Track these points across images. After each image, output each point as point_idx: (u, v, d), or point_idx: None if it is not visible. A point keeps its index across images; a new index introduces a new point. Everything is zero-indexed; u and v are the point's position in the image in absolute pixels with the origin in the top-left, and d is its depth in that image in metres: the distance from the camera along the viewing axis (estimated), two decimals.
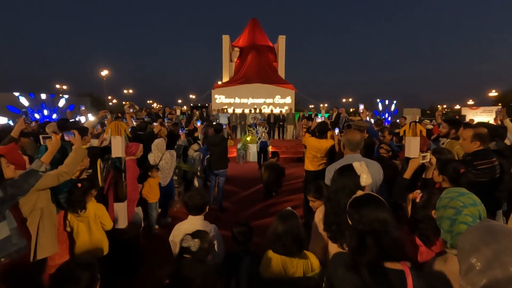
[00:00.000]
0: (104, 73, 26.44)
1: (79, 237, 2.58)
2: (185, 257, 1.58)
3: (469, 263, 0.76)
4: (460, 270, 0.82)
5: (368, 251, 1.11)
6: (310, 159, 4.44)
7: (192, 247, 1.57)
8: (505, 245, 0.72)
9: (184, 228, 2.13)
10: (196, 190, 2.23)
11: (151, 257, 3.54)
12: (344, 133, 2.58)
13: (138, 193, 3.92)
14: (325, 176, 2.54)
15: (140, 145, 3.85)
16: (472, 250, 0.77)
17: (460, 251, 0.84)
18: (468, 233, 0.85)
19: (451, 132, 3.56)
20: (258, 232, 4.25)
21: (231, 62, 20.01)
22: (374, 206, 1.21)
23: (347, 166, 1.72)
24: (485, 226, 0.84)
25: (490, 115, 14.80)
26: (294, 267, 1.75)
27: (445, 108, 42.46)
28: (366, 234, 1.13)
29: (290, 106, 16.27)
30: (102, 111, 4.97)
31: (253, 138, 10.27)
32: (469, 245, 0.80)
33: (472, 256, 0.76)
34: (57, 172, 2.19)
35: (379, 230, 1.13)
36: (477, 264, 0.74)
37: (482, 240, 0.77)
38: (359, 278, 1.08)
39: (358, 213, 1.21)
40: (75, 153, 2.33)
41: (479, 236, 0.79)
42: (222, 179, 5.25)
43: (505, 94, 31.43)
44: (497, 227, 0.81)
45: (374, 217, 1.16)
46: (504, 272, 0.68)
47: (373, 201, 1.24)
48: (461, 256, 0.83)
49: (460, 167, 2.23)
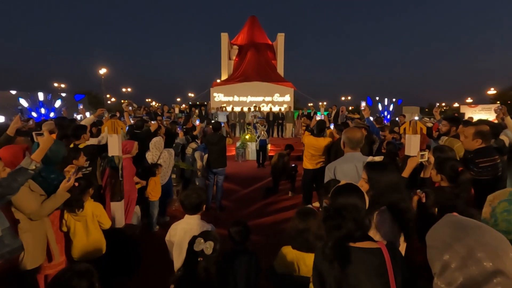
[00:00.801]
0: (103, 72, 26.33)
1: (76, 236, 2.55)
2: (198, 260, 1.53)
3: (442, 261, 0.75)
4: (433, 269, 0.80)
5: (335, 231, 1.24)
6: (309, 158, 4.42)
7: (206, 250, 1.53)
8: (477, 240, 0.71)
9: (180, 227, 2.11)
10: (192, 189, 2.20)
11: (149, 257, 3.51)
12: (344, 131, 2.55)
13: (136, 191, 3.89)
14: (325, 174, 2.51)
15: (135, 143, 3.81)
16: (444, 247, 0.76)
17: (431, 249, 0.83)
18: (436, 230, 0.84)
19: (452, 129, 3.54)
20: (257, 231, 4.28)
21: (230, 60, 19.94)
22: (348, 193, 1.34)
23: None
24: (453, 221, 0.82)
25: (489, 113, 14.82)
26: (308, 266, 1.79)
27: (443, 106, 42.50)
28: (336, 216, 1.27)
29: (289, 104, 16.25)
30: (99, 109, 4.93)
31: (252, 137, 10.24)
32: (440, 242, 0.78)
33: (444, 253, 0.75)
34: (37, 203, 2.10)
35: (347, 213, 1.26)
36: (451, 262, 0.73)
37: (452, 236, 0.76)
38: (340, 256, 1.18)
39: (334, 199, 1.35)
40: (55, 198, 2.21)
41: (448, 232, 0.78)
42: (221, 177, 5.22)
43: (503, 92, 31.51)
44: (465, 222, 0.79)
45: (345, 202, 1.29)
46: (479, 269, 0.68)
47: (349, 189, 1.37)
48: (433, 255, 0.81)
49: (458, 165, 2.20)
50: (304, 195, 4.70)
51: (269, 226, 4.58)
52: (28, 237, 2.12)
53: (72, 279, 1.29)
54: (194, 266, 1.54)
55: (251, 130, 10.64)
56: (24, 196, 2.03)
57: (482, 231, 0.73)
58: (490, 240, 0.71)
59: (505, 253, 0.69)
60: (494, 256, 0.68)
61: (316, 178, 4.41)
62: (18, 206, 2.04)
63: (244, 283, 2.04)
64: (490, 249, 0.69)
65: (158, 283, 2.95)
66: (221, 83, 18.17)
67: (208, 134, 5.40)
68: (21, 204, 2.04)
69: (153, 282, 3.07)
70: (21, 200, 2.03)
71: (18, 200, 2.02)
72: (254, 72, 17.88)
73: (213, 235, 1.66)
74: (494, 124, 3.78)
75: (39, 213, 2.13)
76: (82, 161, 2.96)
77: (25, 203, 2.05)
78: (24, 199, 2.04)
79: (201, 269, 1.51)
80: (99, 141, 4.27)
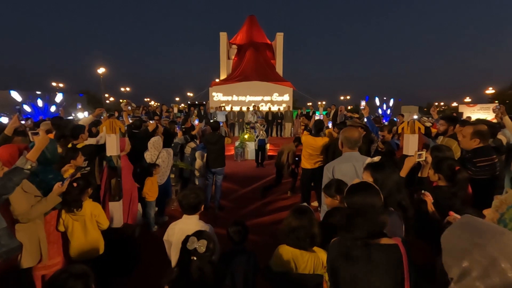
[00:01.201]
0: (101, 71, 26.24)
1: (74, 236, 2.54)
2: (192, 259, 1.52)
3: (461, 268, 0.73)
4: (450, 273, 0.78)
5: (355, 229, 1.25)
6: (306, 157, 4.43)
7: (199, 248, 1.53)
8: (500, 249, 0.69)
9: (178, 227, 2.10)
10: (191, 189, 2.19)
11: (147, 257, 3.51)
12: (342, 131, 2.55)
13: (136, 190, 3.89)
14: (324, 174, 2.51)
15: (125, 139, 3.78)
16: (462, 253, 0.74)
17: (448, 253, 0.80)
18: (453, 233, 0.81)
19: (450, 129, 3.54)
20: (256, 230, 4.28)
21: (229, 59, 19.93)
22: (364, 192, 1.36)
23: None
24: (471, 225, 0.79)
25: (487, 113, 14.86)
26: (305, 263, 1.79)
27: (442, 105, 42.57)
28: (355, 215, 1.29)
29: (288, 104, 16.25)
30: (97, 108, 4.91)
31: (251, 136, 10.24)
32: (458, 247, 0.76)
33: (463, 260, 0.72)
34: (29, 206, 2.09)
35: (366, 212, 1.28)
36: (471, 270, 0.70)
37: (472, 243, 0.73)
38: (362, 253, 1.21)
39: (351, 198, 1.37)
40: (47, 202, 2.19)
41: (467, 237, 0.75)
42: (220, 177, 5.22)
43: (501, 91, 31.60)
44: (484, 226, 0.77)
45: (363, 201, 1.32)
46: (503, 280, 0.66)
47: (365, 188, 1.39)
48: (450, 259, 0.78)
49: (455, 164, 2.21)
50: (303, 194, 4.71)
51: (267, 226, 4.58)
52: (23, 236, 2.11)
53: (68, 280, 1.28)
54: (187, 265, 1.53)
55: (250, 130, 10.65)
56: (14, 197, 2.01)
57: (506, 239, 0.70)
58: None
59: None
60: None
61: (314, 177, 4.42)
62: (11, 206, 2.03)
63: (242, 283, 2.04)
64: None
65: (156, 282, 2.94)
66: (220, 83, 18.16)
67: (206, 134, 5.40)
68: (12, 204, 2.03)
69: (152, 281, 3.06)
70: (12, 200, 2.01)
71: (11, 200, 2.00)
72: (253, 71, 17.87)
73: (207, 234, 1.65)
74: (491, 124, 3.80)
75: (28, 216, 2.10)
76: (80, 161, 2.95)
77: (14, 204, 2.03)
78: (15, 200, 2.02)
79: (194, 268, 1.50)
80: (98, 140, 4.25)
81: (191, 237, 1.58)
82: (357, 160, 2.39)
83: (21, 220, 2.09)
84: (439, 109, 33.80)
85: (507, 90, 31.79)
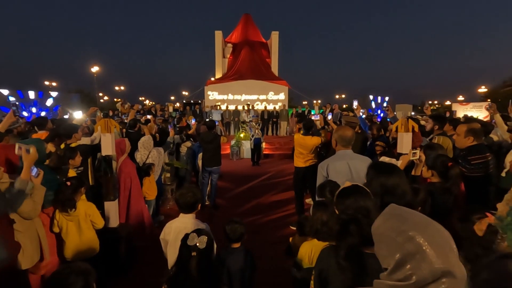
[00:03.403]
0: (95, 70, 25.96)
1: (69, 236, 2.52)
2: (192, 255, 1.54)
3: (394, 259, 0.74)
4: (383, 264, 0.79)
5: (349, 237, 1.17)
6: (297, 156, 4.47)
7: (200, 244, 1.55)
8: (429, 240, 0.70)
9: (175, 226, 2.10)
10: (187, 188, 2.19)
11: (143, 256, 3.50)
12: (336, 130, 2.58)
13: (141, 190, 3.89)
14: (318, 172, 2.53)
15: (125, 140, 3.77)
16: (395, 245, 0.74)
17: (379, 244, 0.81)
18: (383, 223, 0.81)
19: (435, 127, 3.60)
20: (252, 228, 4.29)
21: (224, 58, 19.86)
22: (358, 196, 1.28)
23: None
24: (397, 215, 0.80)
25: (480, 111, 15.06)
26: None
27: (435, 104, 42.98)
28: (349, 222, 1.20)
29: (283, 103, 16.27)
30: (91, 108, 4.88)
31: (247, 135, 10.25)
32: (389, 239, 0.76)
33: (395, 252, 0.74)
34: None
35: (361, 218, 1.19)
36: (405, 262, 0.72)
37: (402, 234, 0.73)
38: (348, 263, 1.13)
39: (343, 203, 1.29)
40: (38, 191, 2.20)
41: (396, 227, 0.76)
42: (216, 176, 5.21)
43: (494, 90, 31.97)
44: (409, 216, 0.77)
45: (356, 206, 1.24)
46: (431, 271, 0.68)
47: (357, 192, 1.31)
48: (382, 250, 0.79)
49: (448, 161, 2.25)
50: (296, 192, 4.74)
51: (264, 224, 4.60)
52: (23, 237, 2.11)
53: (70, 276, 1.29)
54: (187, 261, 1.54)
55: (245, 129, 10.65)
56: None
57: (432, 230, 0.73)
58: (440, 240, 0.71)
59: (451, 252, 0.70)
60: (443, 257, 0.68)
61: (307, 176, 4.46)
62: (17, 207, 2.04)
63: (239, 281, 2.05)
64: (440, 250, 0.69)
65: (153, 281, 2.94)
66: (215, 81, 18.10)
67: (202, 133, 5.38)
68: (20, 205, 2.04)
69: (148, 280, 3.06)
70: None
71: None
72: (249, 70, 17.84)
73: (206, 231, 1.68)
74: (483, 123, 3.86)
75: (36, 211, 2.14)
76: (78, 160, 2.93)
77: (24, 204, 2.04)
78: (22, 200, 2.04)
79: (194, 264, 1.52)
80: (92, 140, 4.22)
81: (192, 234, 1.59)
82: (351, 158, 2.41)
83: (32, 216, 2.13)
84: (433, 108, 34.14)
85: (499, 88, 32.18)
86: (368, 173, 1.80)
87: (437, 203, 2.00)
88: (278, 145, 11.40)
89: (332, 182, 2.26)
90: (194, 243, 1.55)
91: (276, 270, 3.14)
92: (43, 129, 4.04)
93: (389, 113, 4.94)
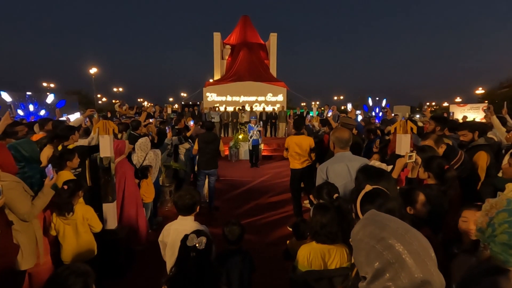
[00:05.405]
0: (93, 71, 25.90)
1: (66, 240, 2.51)
2: (191, 256, 1.54)
3: (373, 268, 0.73)
4: (361, 272, 0.78)
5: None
6: (294, 157, 4.47)
7: (199, 245, 1.55)
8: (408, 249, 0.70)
9: (173, 228, 2.10)
10: (186, 190, 2.18)
11: (141, 258, 3.49)
12: (333, 132, 2.58)
13: (139, 193, 3.87)
14: (317, 175, 2.52)
15: (125, 142, 3.76)
16: (374, 253, 0.73)
17: (357, 251, 0.79)
18: (362, 230, 0.79)
19: (436, 129, 3.61)
20: (250, 230, 4.29)
21: (223, 59, 19.85)
22: (384, 199, 1.34)
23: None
24: (376, 221, 0.78)
25: (477, 112, 15.13)
26: (332, 257, 1.84)
27: (433, 105, 43.18)
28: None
29: (282, 104, 16.28)
30: (88, 109, 4.87)
31: (245, 136, 10.24)
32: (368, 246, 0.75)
33: (374, 260, 0.72)
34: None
35: None
36: (384, 271, 0.71)
37: (381, 243, 0.72)
38: None
39: (372, 205, 1.29)
40: (44, 196, 2.22)
41: (375, 235, 0.74)
42: (213, 178, 5.17)
43: (491, 91, 32.13)
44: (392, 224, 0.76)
45: (385, 209, 1.27)
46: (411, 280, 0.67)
47: (382, 195, 1.38)
48: (360, 258, 0.77)
49: (444, 163, 2.26)
50: (294, 194, 4.74)
51: (262, 226, 4.60)
52: (22, 237, 2.10)
53: (69, 277, 1.29)
54: (186, 262, 1.54)
55: (244, 130, 10.64)
56: (18, 198, 2.02)
57: (410, 238, 0.72)
58: (419, 248, 0.70)
59: (430, 260, 0.70)
60: (422, 266, 0.68)
61: (303, 177, 4.46)
62: (13, 207, 2.03)
63: (238, 282, 2.04)
64: (419, 259, 0.69)
65: (151, 283, 2.93)
66: (214, 83, 18.08)
67: (201, 134, 5.36)
68: (15, 205, 2.03)
69: (146, 282, 3.05)
70: (15, 201, 2.01)
71: (13, 201, 2.00)
72: (247, 72, 17.83)
73: (206, 233, 1.68)
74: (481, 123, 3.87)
75: (32, 213, 2.13)
76: (76, 162, 2.92)
77: (18, 204, 2.03)
78: (18, 200, 2.03)
79: (193, 265, 1.52)
80: (89, 142, 4.21)
81: (191, 235, 1.60)
82: (350, 160, 2.40)
83: (26, 219, 2.10)
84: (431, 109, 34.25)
85: (497, 90, 32.35)
86: (357, 178, 1.82)
87: (435, 206, 2.01)
88: (276, 146, 11.40)
89: (329, 184, 2.26)
90: (193, 244, 1.55)
91: (275, 271, 3.14)
92: (42, 130, 4.04)
93: (388, 114, 5.01)
